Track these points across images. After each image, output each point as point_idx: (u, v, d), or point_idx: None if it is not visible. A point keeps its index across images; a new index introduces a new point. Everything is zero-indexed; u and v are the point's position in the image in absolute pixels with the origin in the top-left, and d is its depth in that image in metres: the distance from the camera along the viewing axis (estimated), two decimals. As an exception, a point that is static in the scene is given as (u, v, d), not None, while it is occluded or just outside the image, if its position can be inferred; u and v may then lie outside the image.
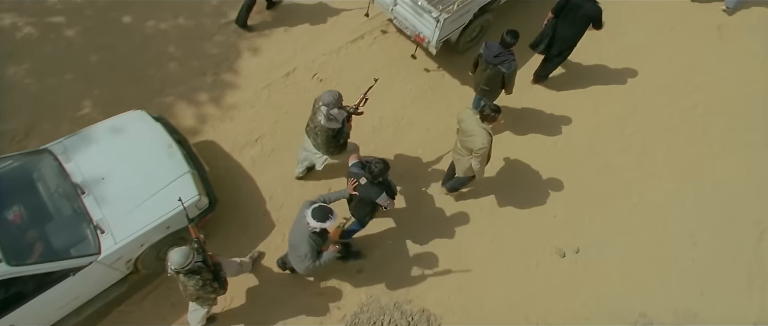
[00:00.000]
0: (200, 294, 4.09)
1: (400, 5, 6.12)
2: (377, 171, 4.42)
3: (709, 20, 7.88)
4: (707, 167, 6.43)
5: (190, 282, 3.95)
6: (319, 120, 4.83)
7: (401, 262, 5.58)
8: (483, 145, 4.78)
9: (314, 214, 4.03)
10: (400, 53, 6.88)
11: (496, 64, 5.37)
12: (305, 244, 4.19)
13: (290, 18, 7.15)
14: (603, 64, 7.18)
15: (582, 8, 5.84)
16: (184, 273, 3.90)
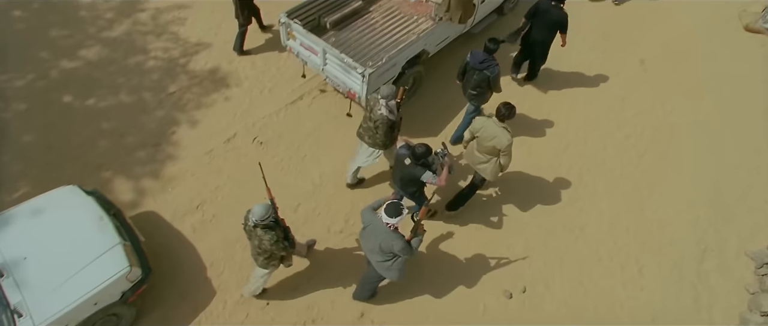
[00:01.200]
0: (273, 250, 4.51)
1: (330, 64, 6.38)
2: (420, 153, 4.89)
3: (633, 55, 8.36)
4: (644, 194, 6.57)
5: (266, 236, 4.41)
6: (380, 113, 5.35)
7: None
8: (509, 141, 5.21)
9: (388, 212, 4.22)
10: (338, 111, 7.07)
11: (482, 69, 5.98)
12: (392, 243, 4.30)
13: (230, 85, 7.38)
14: (534, 104, 7.47)
15: (549, 13, 6.62)
16: (261, 227, 4.40)
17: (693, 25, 9.13)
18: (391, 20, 7.31)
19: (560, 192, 6.52)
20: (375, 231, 4.43)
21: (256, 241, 4.55)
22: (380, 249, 4.44)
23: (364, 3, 7.42)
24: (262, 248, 4.56)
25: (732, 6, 9.64)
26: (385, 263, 4.57)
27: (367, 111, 5.57)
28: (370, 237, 4.53)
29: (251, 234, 4.59)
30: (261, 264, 4.83)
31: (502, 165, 5.47)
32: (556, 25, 6.74)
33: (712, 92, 7.93)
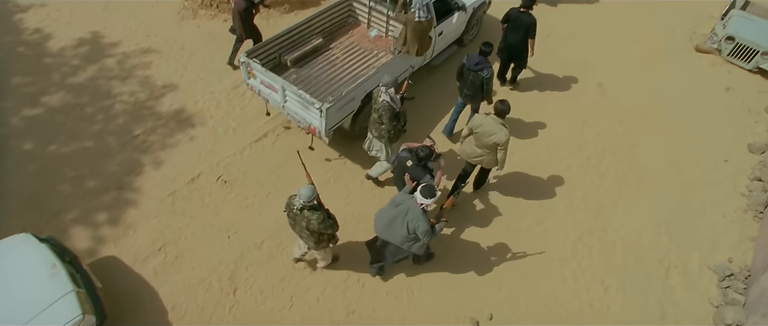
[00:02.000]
0: (320, 228, 4.83)
1: (290, 101, 6.47)
2: (423, 155, 5.25)
3: (591, 79, 8.62)
4: (606, 214, 6.65)
5: (313, 216, 4.77)
6: (381, 100, 5.69)
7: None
8: (507, 136, 5.63)
9: (424, 193, 4.64)
10: (302, 146, 7.08)
11: (477, 70, 6.48)
12: (417, 223, 4.70)
13: (196, 125, 7.42)
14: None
15: (520, 19, 7.21)
16: (308, 209, 4.75)
17: (648, 48, 9.48)
18: (351, 56, 7.50)
19: (524, 215, 6.57)
20: (407, 211, 4.79)
21: (304, 223, 4.87)
22: (406, 227, 4.82)
23: (324, 40, 7.62)
24: (311, 229, 4.88)
25: (683, 29, 10.08)
26: (408, 243, 5.02)
27: (373, 104, 5.92)
28: (399, 215, 4.87)
29: (297, 218, 4.91)
30: (315, 247, 5.21)
31: (499, 160, 5.83)
32: (525, 29, 7.27)
33: (668, 111, 8.17)
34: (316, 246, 5.17)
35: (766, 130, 8.08)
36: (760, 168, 7.33)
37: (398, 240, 5.03)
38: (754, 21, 9.28)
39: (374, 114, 5.91)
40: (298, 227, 5.03)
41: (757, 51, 8.93)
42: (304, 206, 4.73)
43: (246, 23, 7.70)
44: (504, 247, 6.25)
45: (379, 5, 7.63)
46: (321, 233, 4.96)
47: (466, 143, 6.01)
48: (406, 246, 5.07)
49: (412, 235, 4.86)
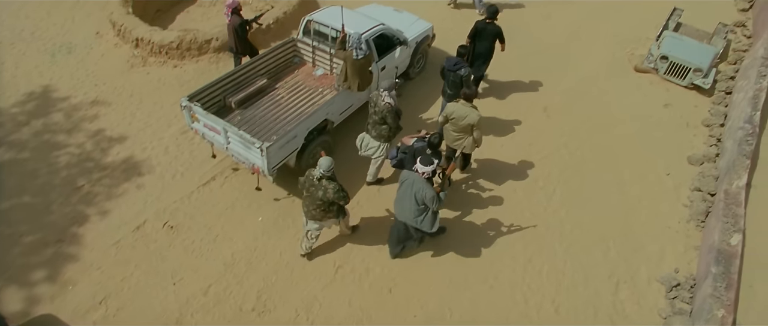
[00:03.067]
0: (335, 197, 5.38)
1: (232, 142, 6.48)
2: (436, 142, 6.04)
3: (537, 103, 8.88)
4: (554, 234, 6.73)
5: (330, 185, 5.32)
6: (384, 103, 6.23)
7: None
8: (479, 116, 6.32)
9: (423, 162, 5.23)
10: (250, 187, 7.09)
11: (455, 70, 7.16)
12: (424, 192, 5.24)
13: (143, 173, 7.33)
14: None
15: (487, 29, 7.96)
16: (326, 178, 5.31)
17: (589, 71, 9.87)
18: (296, 95, 7.61)
19: (472, 241, 6.60)
20: (412, 183, 5.37)
21: (321, 192, 5.38)
22: (415, 199, 5.36)
23: (269, 81, 7.72)
24: (326, 198, 5.40)
25: (622, 51, 10.55)
26: (418, 216, 5.50)
27: (371, 108, 6.43)
28: (406, 189, 5.44)
29: (316, 188, 5.41)
30: (318, 216, 5.63)
31: (476, 139, 6.44)
32: (493, 36, 8.04)
33: (611, 130, 8.44)
34: (323, 216, 5.63)
35: (703, 142, 8.39)
36: (699, 178, 7.56)
37: (410, 216, 5.55)
38: (683, 41, 9.78)
39: (374, 116, 6.40)
40: (310, 198, 5.54)
41: (688, 68, 9.39)
42: (323, 176, 5.31)
43: (241, 39, 8.15)
44: (452, 277, 6.23)
45: (322, 44, 7.81)
46: (332, 203, 5.51)
47: (445, 131, 6.65)
48: (417, 222, 5.54)
49: (422, 206, 5.40)
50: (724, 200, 6.68)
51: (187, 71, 9.02)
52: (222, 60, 9.30)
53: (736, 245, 6.02)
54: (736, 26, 12.07)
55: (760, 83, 8.53)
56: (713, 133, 8.55)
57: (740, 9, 13.03)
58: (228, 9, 7.99)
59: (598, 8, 12.02)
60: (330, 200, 5.42)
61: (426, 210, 5.44)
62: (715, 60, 9.73)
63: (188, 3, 11.26)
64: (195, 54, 9.24)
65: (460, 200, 7.09)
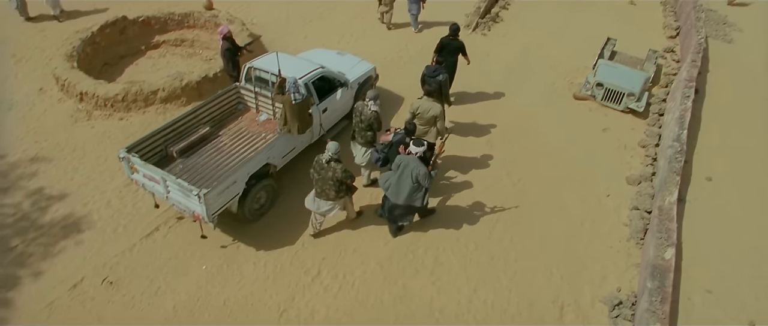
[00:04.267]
0: (343, 177, 6.22)
1: (172, 191, 6.43)
2: (411, 128, 6.86)
3: (480, 136, 9.14)
4: (499, 263, 6.81)
5: (338, 166, 6.18)
6: (370, 112, 6.96)
7: None
8: (441, 108, 7.29)
9: (415, 144, 6.26)
10: (195, 236, 6.99)
11: (434, 77, 7.75)
12: (419, 169, 6.10)
13: (83, 229, 7.14)
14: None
15: (452, 44, 8.88)
16: (334, 161, 6.16)
17: (531, 101, 10.26)
18: (239, 141, 7.64)
19: (416, 276, 6.61)
20: (408, 164, 6.20)
21: (331, 173, 6.19)
22: (411, 177, 6.15)
23: (212, 128, 7.75)
24: (336, 178, 6.19)
25: (562, 80, 11.05)
26: (414, 194, 6.30)
27: (356, 118, 7.12)
28: (402, 172, 6.24)
29: (325, 170, 6.22)
30: (332, 197, 6.41)
31: (440, 129, 7.28)
32: (457, 50, 8.97)
33: (553, 157, 8.73)
34: (337, 195, 6.38)
35: (640, 162, 8.75)
36: (637, 197, 7.84)
37: (406, 194, 6.30)
38: (617, 68, 10.34)
39: (361, 125, 7.07)
40: (322, 180, 6.30)
41: (622, 93, 9.88)
42: (331, 158, 6.13)
43: (230, 63, 8.83)
44: (398, 312, 6.19)
45: (264, 90, 7.93)
46: (342, 182, 6.27)
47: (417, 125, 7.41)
48: (413, 198, 6.30)
49: (416, 184, 6.18)
50: (658, 216, 6.94)
51: (133, 123, 8.98)
52: (169, 111, 9.29)
53: (669, 259, 6.22)
54: (666, 52, 12.85)
55: (685, 103, 9.04)
56: (649, 153, 8.94)
57: (669, 36, 13.93)
58: (220, 36, 8.83)
59: (537, 42, 12.63)
60: (339, 179, 6.21)
61: (420, 187, 6.26)
62: (646, 84, 10.28)
63: (137, 55, 11.33)
64: (141, 105, 9.23)
65: (403, 237, 7.13)
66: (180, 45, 11.74)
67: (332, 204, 6.54)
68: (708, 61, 12.63)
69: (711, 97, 10.96)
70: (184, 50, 11.64)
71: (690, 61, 10.78)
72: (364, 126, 7.06)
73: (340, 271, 6.62)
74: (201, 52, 11.57)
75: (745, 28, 14.72)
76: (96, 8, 13.25)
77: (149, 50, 11.48)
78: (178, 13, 11.88)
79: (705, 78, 11.78)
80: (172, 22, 11.82)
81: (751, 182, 8.49)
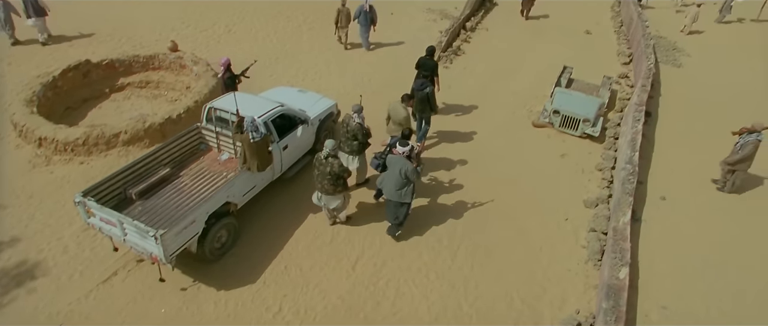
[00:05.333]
0: (339, 171, 6.88)
1: (129, 234, 6.37)
2: (407, 133, 7.44)
3: (443, 163, 9.33)
4: (460, 291, 6.87)
5: (335, 162, 6.85)
6: (354, 123, 7.69)
7: None
8: (408, 112, 8.41)
9: (401, 144, 7.11)
10: (155, 278, 6.88)
11: (421, 89, 9.00)
12: (407, 166, 6.87)
13: (37, 276, 6.95)
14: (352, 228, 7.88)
15: (428, 63, 9.92)
16: (332, 156, 6.85)
17: (491, 130, 10.55)
18: (200, 181, 7.65)
19: (378, 308, 6.60)
20: (396, 163, 6.94)
21: (328, 168, 6.84)
22: (400, 175, 6.86)
23: (173, 169, 7.76)
24: (333, 173, 6.85)
25: (522, 108, 11.42)
26: (402, 190, 6.98)
27: (343, 129, 7.87)
28: (392, 170, 6.99)
29: (324, 165, 6.88)
30: (330, 190, 7.05)
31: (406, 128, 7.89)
32: (433, 68, 9.92)
33: (513, 184, 8.93)
34: (334, 189, 7.01)
35: (597, 185, 9.03)
36: (594, 220, 8.06)
37: (396, 189, 6.95)
38: (572, 95, 10.76)
39: (347, 135, 7.78)
40: (322, 175, 6.95)
41: (578, 119, 10.25)
42: (329, 154, 6.82)
43: (230, 90, 9.19)
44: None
45: (225, 130, 8.01)
46: (339, 176, 6.91)
47: (390, 124, 8.54)
48: (401, 194, 6.97)
49: (404, 179, 6.88)
50: (612, 237, 7.14)
51: (94, 167, 8.90)
52: (132, 153, 9.24)
53: (623, 278, 6.37)
54: (620, 77, 13.45)
55: (636, 127, 9.43)
56: (605, 175, 9.24)
57: (623, 62, 14.58)
58: (222, 66, 9.56)
59: (497, 73, 13.10)
60: (336, 174, 6.85)
61: (407, 183, 6.92)
62: (601, 110, 10.71)
63: (101, 98, 11.31)
64: (103, 149, 9.17)
65: (364, 270, 7.16)
66: (145, 87, 11.78)
67: (335, 198, 7.24)
68: (660, 85, 13.27)
69: (663, 119, 11.47)
70: (149, 92, 11.68)
71: (640, 86, 11.31)
72: (350, 136, 7.77)
73: (301, 307, 6.58)
74: (166, 93, 11.63)
75: (692, 53, 15.57)
76: (82, 33, 14.00)
77: (114, 93, 11.49)
78: (143, 56, 11.97)
79: (657, 101, 12.35)
80: (137, 64, 11.88)
81: (702, 199, 8.84)
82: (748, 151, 8.48)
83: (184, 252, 6.56)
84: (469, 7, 16.86)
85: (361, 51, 14.03)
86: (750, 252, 7.72)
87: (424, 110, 9.26)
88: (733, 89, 13.07)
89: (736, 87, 13.25)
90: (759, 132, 8.43)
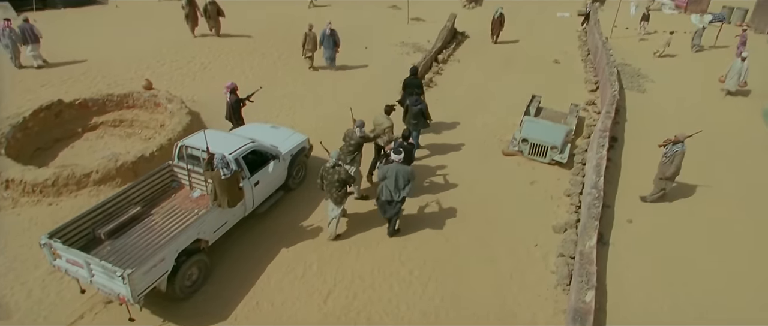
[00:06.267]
0: (346, 178, 7.56)
1: (96, 275, 6.31)
2: (406, 135, 8.95)
3: (415, 194, 9.46)
4: (430, 319, 6.90)
5: (341, 169, 7.54)
6: (357, 136, 8.52)
7: None
8: (390, 122, 9.47)
9: (396, 151, 7.70)
10: (124, 319, 6.76)
11: (416, 105, 10.12)
12: (404, 170, 7.71)
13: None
14: (323, 257, 7.90)
15: (413, 81, 11.18)
16: (337, 165, 7.54)
17: (463, 159, 10.78)
18: (171, 218, 7.64)
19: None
20: (393, 171, 7.68)
21: (336, 176, 7.53)
22: (401, 178, 7.68)
23: (144, 208, 7.74)
24: (340, 179, 7.53)
25: (492, 138, 11.71)
26: (398, 191, 7.74)
27: (345, 142, 8.65)
28: (390, 178, 7.69)
29: (331, 174, 7.57)
30: (337, 198, 7.70)
31: (390, 137, 9.33)
32: (418, 86, 11.07)
33: (484, 212, 9.09)
34: (338, 198, 7.70)
35: (565, 211, 9.24)
36: (562, 245, 8.22)
37: (395, 190, 7.71)
38: (539, 123, 11.10)
39: (350, 147, 8.52)
40: (330, 183, 7.60)
41: (546, 147, 10.55)
42: (335, 164, 7.56)
43: (236, 113, 10.10)
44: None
45: (196, 167, 8.06)
46: (345, 182, 7.61)
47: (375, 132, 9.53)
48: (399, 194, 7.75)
49: (404, 181, 7.70)
50: (579, 261, 7.29)
51: (63, 208, 8.81)
52: (103, 193, 9.19)
53: (590, 301, 6.48)
54: (588, 105, 13.91)
55: (601, 152, 9.74)
56: (573, 201, 9.47)
57: (590, 90, 15.11)
58: (227, 89, 10.09)
59: (468, 103, 13.45)
60: (343, 180, 7.55)
61: (407, 183, 7.75)
62: (568, 137, 11.04)
63: (74, 138, 11.30)
64: (73, 189, 9.11)
65: (336, 302, 7.17)
66: (119, 125, 11.81)
67: (339, 207, 7.86)
68: (625, 110, 13.75)
69: (629, 144, 11.86)
70: (122, 131, 11.70)
71: (605, 113, 11.72)
72: (352, 148, 8.56)
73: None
74: (140, 131, 11.66)
75: (656, 79, 16.21)
76: (75, 59, 14.79)
77: (86, 132, 11.48)
78: (117, 94, 12.04)
79: (623, 127, 12.79)
80: (111, 103, 11.94)
81: (666, 219, 9.10)
82: (679, 161, 8.97)
83: (154, 291, 6.50)
84: (441, 40, 17.39)
85: (334, 80, 14.38)
86: (714, 270, 7.93)
87: (418, 123, 10.28)
88: (691, 111, 13.63)
89: (694, 109, 13.83)
90: (682, 142, 8.97)
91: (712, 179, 10.33)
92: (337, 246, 8.14)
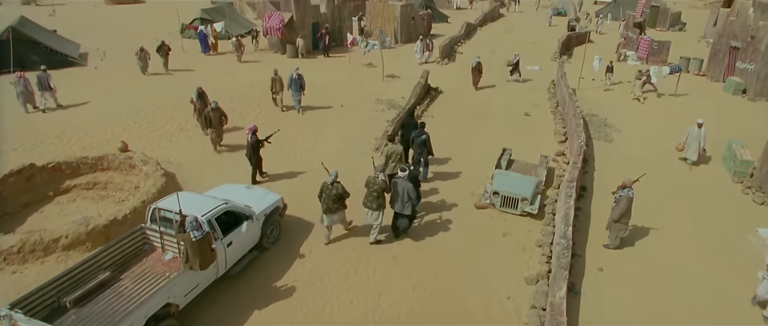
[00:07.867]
0: (344, 193, 9.01)
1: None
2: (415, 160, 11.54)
3: (385, 252, 9.52)
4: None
5: (340, 185, 8.93)
6: (379, 181, 9.16)
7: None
8: (400, 146, 11.24)
9: (401, 170, 9.20)
10: (87, 392, 6.56)
11: (419, 136, 11.64)
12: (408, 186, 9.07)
13: None
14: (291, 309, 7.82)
15: (411, 122, 12.75)
16: (335, 182, 8.89)
17: (436, 214, 10.93)
18: (142, 283, 7.54)
19: None
20: (399, 185, 9.12)
21: (334, 191, 8.79)
22: (403, 193, 9.06)
23: (113, 272, 7.63)
24: (337, 194, 8.80)
25: (464, 191, 11.95)
26: (405, 204, 9.15)
27: (369, 188, 9.17)
28: (395, 190, 9.15)
29: (331, 189, 8.79)
30: (334, 209, 8.97)
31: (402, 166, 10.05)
32: (415, 126, 12.23)
33: (456, 266, 9.17)
34: (337, 208, 8.96)
35: (537, 261, 9.36)
36: (535, 296, 8.30)
37: (399, 204, 9.17)
38: (510, 175, 11.40)
39: (374, 193, 9.06)
40: (328, 198, 8.82)
41: (517, 199, 10.81)
42: (334, 181, 8.79)
43: (255, 153, 11.52)
44: None
45: (169, 229, 8.04)
46: (341, 196, 8.87)
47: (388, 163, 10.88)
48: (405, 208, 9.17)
49: (406, 197, 9.05)
50: (550, 312, 7.36)
51: (28, 275, 8.60)
52: (71, 258, 9.00)
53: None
54: (558, 155, 14.36)
55: (569, 203, 10.02)
56: (545, 251, 9.61)
57: (559, 141, 15.64)
58: (249, 131, 11.46)
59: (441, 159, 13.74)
60: (339, 194, 8.82)
61: (408, 200, 9.03)
62: (538, 188, 11.33)
63: (44, 202, 11.17)
64: (40, 255, 8.93)
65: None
66: (92, 188, 11.75)
67: (336, 216, 9.11)
68: (594, 160, 14.22)
69: (598, 193, 12.20)
70: (95, 193, 11.64)
71: (572, 163, 12.12)
72: (376, 195, 9.07)
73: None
74: (114, 193, 11.61)
75: (622, 129, 16.87)
76: (51, 121, 14.86)
77: (58, 196, 11.39)
78: (92, 157, 12.06)
79: (592, 176, 13.19)
80: (85, 165, 11.94)
81: (636, 266, 9.29)
82: (624, 205, 9.30)
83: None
84: (415, 96, 17.98)
85: (312, 142, 14.62)
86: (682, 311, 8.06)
87: (422, 153, 11.77)
88: (657, 159, 14.16)
89: (660, 156, 14.38)
90: (629, 187, 9.39)
91: (674, 221, 10.72)
92: (311, 307, 8.07)
